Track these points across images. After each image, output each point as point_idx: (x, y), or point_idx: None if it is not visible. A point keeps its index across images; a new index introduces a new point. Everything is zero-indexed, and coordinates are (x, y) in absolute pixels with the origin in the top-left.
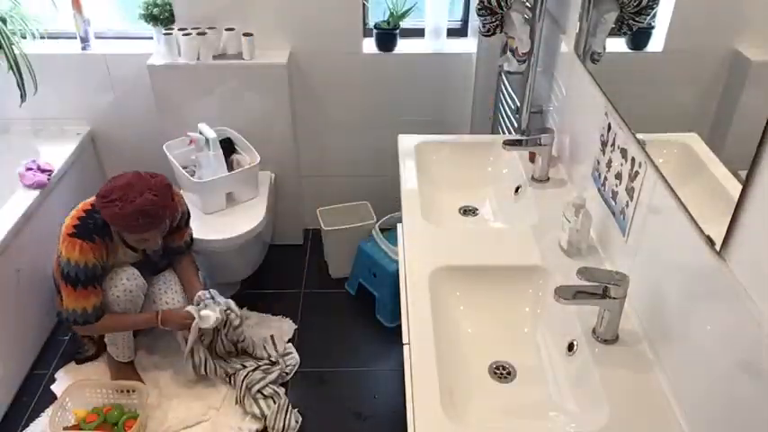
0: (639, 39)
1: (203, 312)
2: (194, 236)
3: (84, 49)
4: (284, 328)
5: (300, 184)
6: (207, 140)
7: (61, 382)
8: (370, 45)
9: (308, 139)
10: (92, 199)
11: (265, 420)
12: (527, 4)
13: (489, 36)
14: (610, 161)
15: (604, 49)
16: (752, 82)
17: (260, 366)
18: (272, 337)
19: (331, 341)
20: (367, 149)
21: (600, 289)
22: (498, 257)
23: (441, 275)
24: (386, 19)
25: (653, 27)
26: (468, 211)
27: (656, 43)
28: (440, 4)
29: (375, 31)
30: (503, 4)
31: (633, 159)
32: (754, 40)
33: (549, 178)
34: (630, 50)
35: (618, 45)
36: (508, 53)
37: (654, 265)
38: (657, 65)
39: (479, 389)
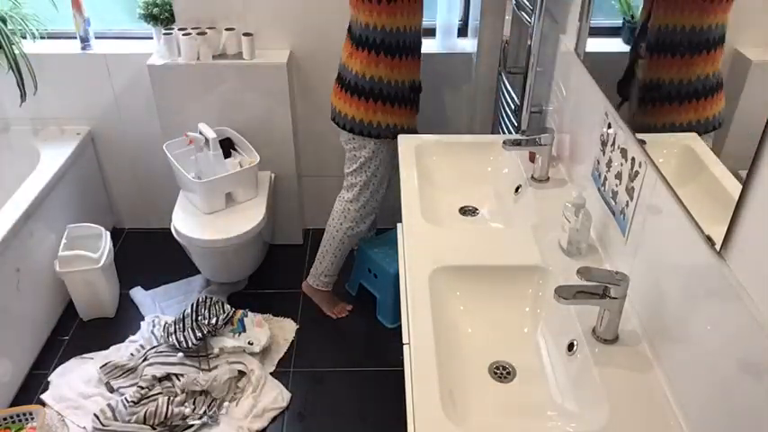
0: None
1: None
2: (194, 236)
3: (84, 48)
4: (285, 328)
5: (300, 184)
6: (206, 140)
7: (54, 388)
8: None
9: (308, 139)
10: None
11: None
12: (527, 3)
13: None
14: (610, 161)
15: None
16: (752, 82)
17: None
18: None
19: (331, 341)
20: None
21: (600, 289)
22: (498, 257)
23: (441, 275)
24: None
25: None
26: (468, 211)
27: None
28: (439, 4)
29: None
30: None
31: (633, 159)
32: (754, 40)
33: (549, 178)
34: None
35: (618, 45)
36: None
37: (654, 265)
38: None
39: (479, 389)
